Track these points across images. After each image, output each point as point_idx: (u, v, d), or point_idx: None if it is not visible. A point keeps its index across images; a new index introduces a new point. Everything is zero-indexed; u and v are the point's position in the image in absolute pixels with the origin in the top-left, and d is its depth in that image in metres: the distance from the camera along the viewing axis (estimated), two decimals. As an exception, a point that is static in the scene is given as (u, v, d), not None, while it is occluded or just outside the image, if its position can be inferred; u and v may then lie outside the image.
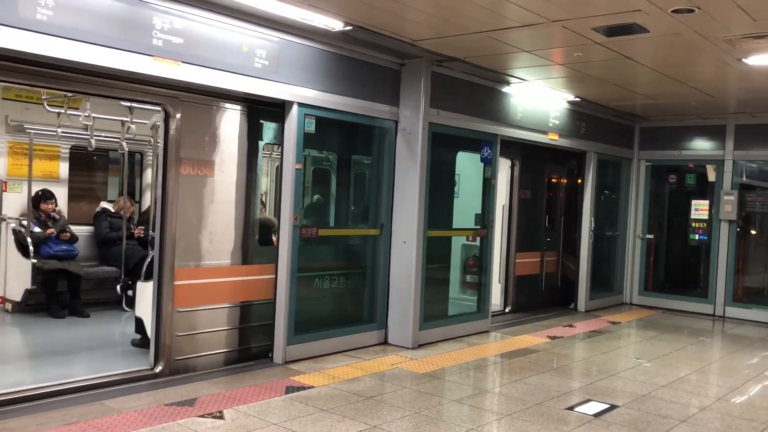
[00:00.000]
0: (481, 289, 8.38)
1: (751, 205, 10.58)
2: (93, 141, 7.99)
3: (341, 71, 6.61)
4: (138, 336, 6.50)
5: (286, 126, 6.26)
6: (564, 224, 10.67)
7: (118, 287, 8.04)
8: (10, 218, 8.06)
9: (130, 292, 7.75)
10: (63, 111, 7.73)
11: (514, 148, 9.08)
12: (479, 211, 8.35)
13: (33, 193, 8.04)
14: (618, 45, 6.35)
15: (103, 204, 9.00)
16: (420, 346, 7.27)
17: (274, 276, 6.31)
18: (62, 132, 8.09)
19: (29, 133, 7.96)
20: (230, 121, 6.05)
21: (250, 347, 6.29)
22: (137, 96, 5.50)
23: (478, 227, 8.29)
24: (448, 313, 8.14)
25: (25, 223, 7.91)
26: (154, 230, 6.02)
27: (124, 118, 7.95)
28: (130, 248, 8.40)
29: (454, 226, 8.26)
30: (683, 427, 5.05)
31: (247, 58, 5.72)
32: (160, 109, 5.67)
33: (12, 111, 8.04)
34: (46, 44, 4.46)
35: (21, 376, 5.60)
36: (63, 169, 8.73)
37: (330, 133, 7.09)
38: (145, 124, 7.69)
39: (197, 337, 5.87)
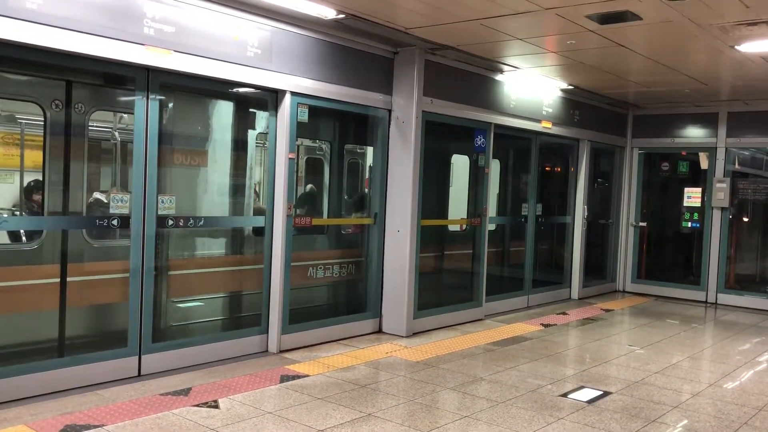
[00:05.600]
0: (475, 278, 8.41)
1: (744, 192, 10.61)
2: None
3: (334, 60, 6.58)
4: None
5: (278, 115, 6.24)
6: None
7: None
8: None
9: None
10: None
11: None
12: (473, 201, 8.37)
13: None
14: (611, 32, 6.34)
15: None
16: (414, 334, 7.29)
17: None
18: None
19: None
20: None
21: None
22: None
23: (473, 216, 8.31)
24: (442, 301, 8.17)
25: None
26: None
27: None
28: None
29: (449, 215, 8.25)
30: (676, 413, 5.09)
31: (239, 46, 5.69)
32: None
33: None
34: (36, 33, 4.42)
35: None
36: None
37: (323, 122, 7.07)
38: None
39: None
